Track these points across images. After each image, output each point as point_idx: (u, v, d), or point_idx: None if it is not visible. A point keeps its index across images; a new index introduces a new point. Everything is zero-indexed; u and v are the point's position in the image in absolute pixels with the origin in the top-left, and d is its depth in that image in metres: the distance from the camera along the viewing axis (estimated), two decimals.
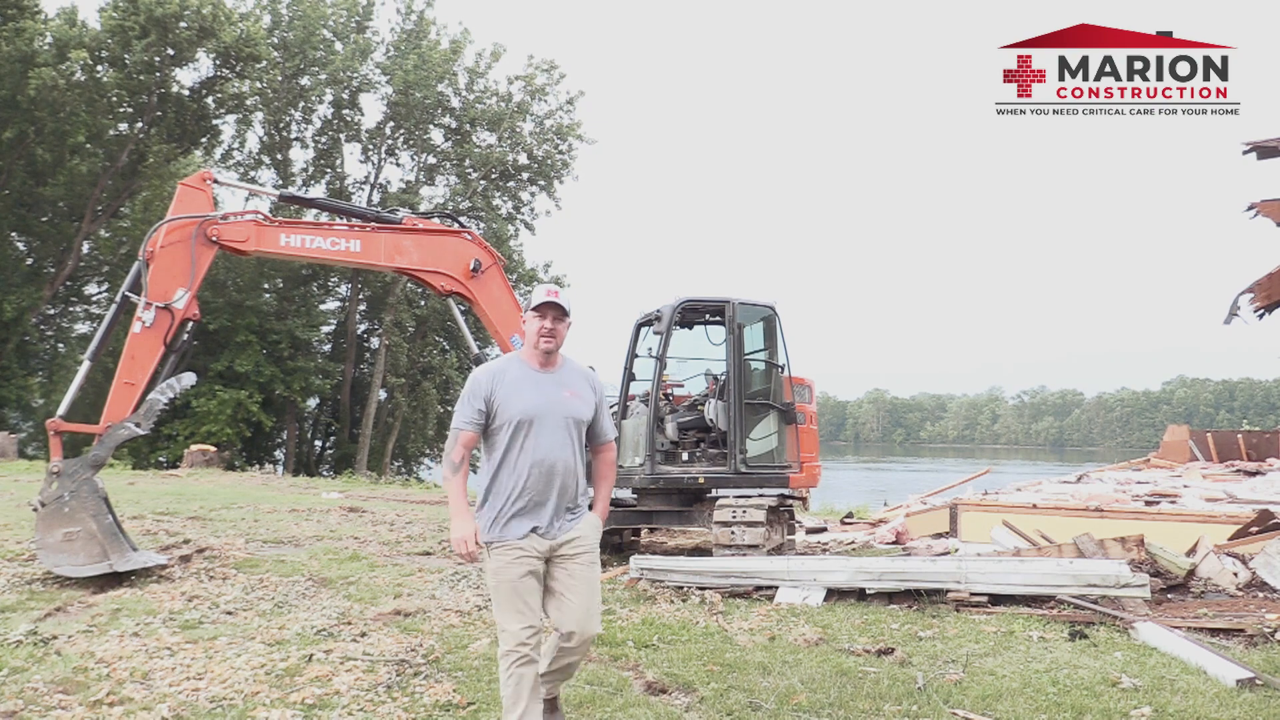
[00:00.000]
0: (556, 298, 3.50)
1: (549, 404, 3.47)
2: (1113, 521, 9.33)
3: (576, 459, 3.53)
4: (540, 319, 3.51)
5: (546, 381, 3.53)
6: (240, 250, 7.73)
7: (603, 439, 3.72)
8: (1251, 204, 7.11)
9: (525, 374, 3.53)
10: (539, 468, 3.42)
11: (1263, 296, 7.33)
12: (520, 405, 3.44)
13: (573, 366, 3.68)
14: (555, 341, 3.54)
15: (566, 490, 3.50)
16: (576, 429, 3.53)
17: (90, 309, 31.58)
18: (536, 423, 3.43)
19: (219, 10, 25.18)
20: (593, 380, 3.70)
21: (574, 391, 3.56)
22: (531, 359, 3.57)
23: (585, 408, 3.57)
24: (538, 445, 3.43)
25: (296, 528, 9.88)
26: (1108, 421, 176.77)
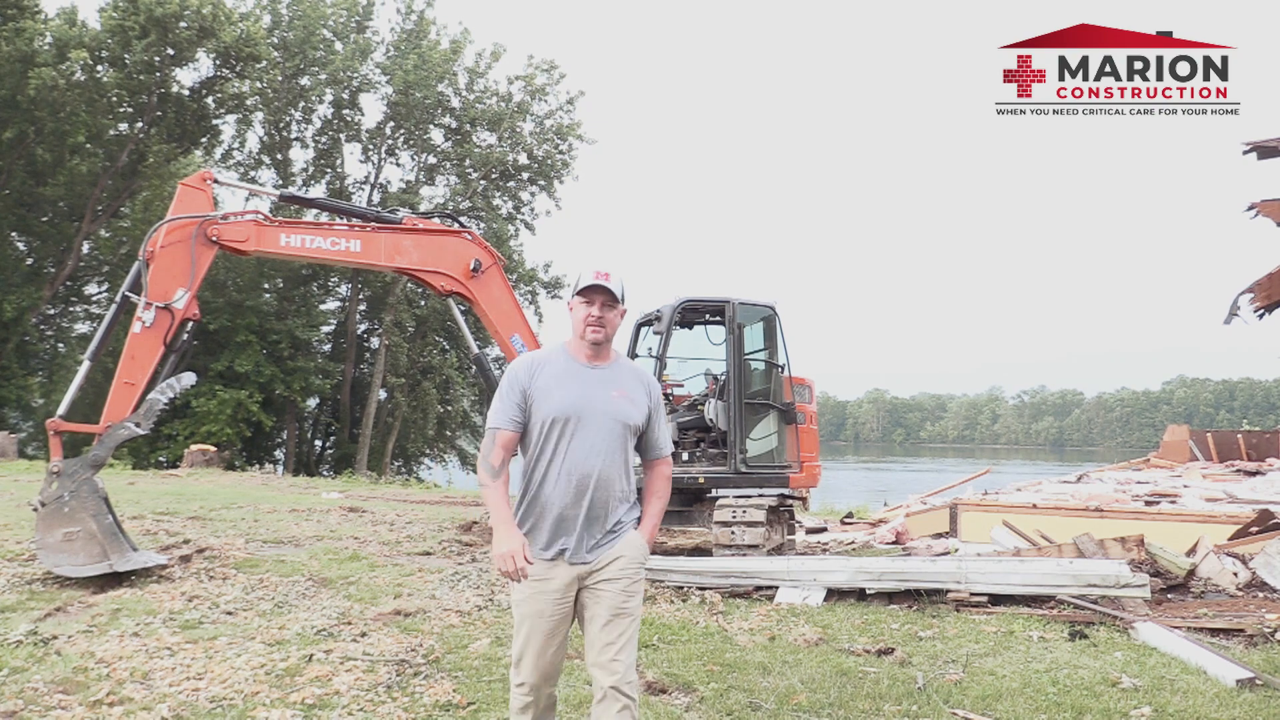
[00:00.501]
0: (606, 280, 3.01)
1: (591, 402, 3.02)
2: (1113, 521, 9.33)
3: (620, 471, 3.06)
4: (587, 305, 3.04)
5: (593, 378, 3.08)
6: (240, 250, 7.73)
7: (657, 452, 3.25)
8: (1251, 204, 7.11)
9: (569, 367, 3.08)
10: (569, 477, 2.99)
11: (1263, 296, 7.33)
12: (558, 401, 3.01)
13: (627, 364, 3.21)
14: (605, 332, 3.06)
15: (602, 507, 3.03)
16: (623, 435, 3.07)
17: (90, 309, 31.58)
18: (574, 423, 3.00)
19: (219, 10, 25.17)
20: (648, 382, 3.22)
21: (624, 392, 3.09)
22: (578, 351, 3.11)
23: (636, 411, 3.11)
24: (572, 450, 3.00)
25: (296, 528, 9.88)
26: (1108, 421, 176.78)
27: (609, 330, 3.08)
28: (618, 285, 3.07)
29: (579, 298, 3.06)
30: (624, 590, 3.02)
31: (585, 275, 3.05)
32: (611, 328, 3.09)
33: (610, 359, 3.15)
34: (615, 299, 3.05)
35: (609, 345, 3.14)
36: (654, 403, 3.19)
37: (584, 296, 3.05)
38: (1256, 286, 7.35)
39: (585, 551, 3.01)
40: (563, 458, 3.00)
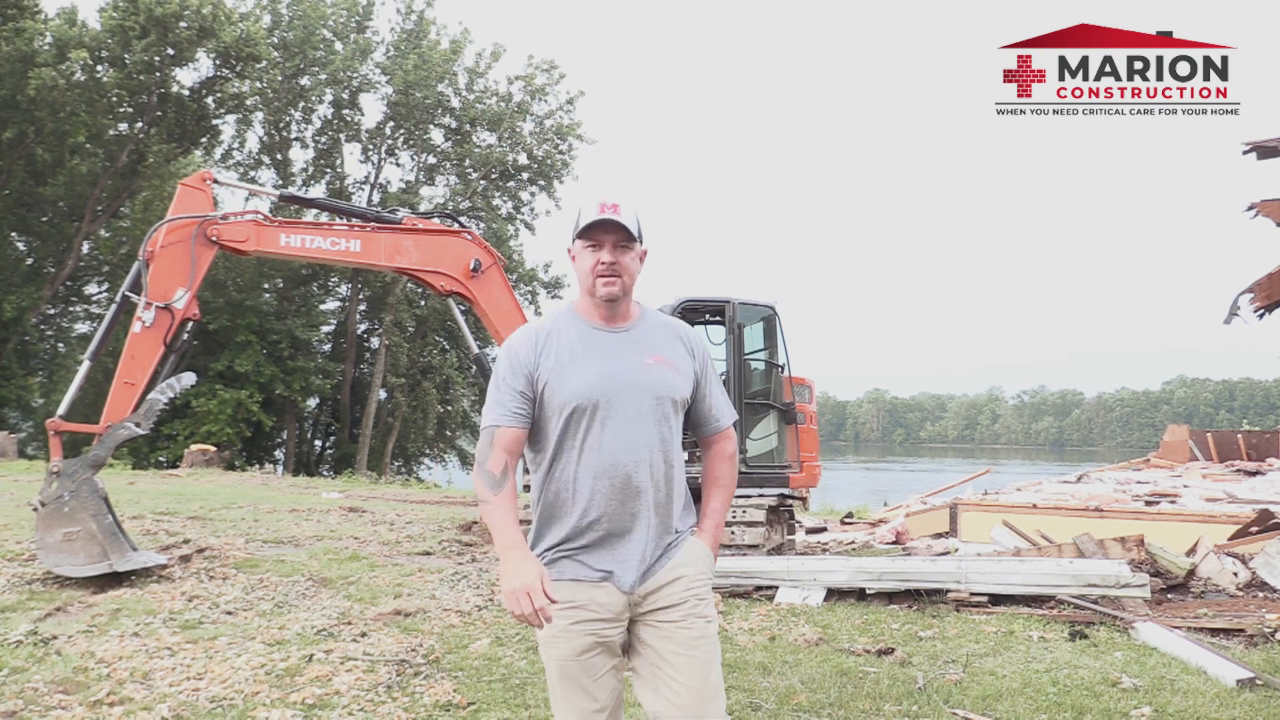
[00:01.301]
0: (616, 213, 2.27)
1: (624, 377, 2.29)
2: (1113, 521, 9.34)
3: (671, 460, 2.34)
4: (593, 250, 2.29)
5: (617, 345, 2.33)
6: (240, 250, 7.74)
7: (715, 424, 2.49)
8: (1251, 204, 7.11)
9: (584, 335, 2.34)
10: (610, 478, 2.26)
11: (1263, 296, 7.34)
12: (579, 382, 2.27)
13: (655, 319, 2.45)
14: (621, 283, 2.30)
15: (657, 510, 2.31)
16: (669, 413, 2.33)
17: (90, 309, 31.61)
18: (604, 408, 2.26)
19: (219, 10, 25.19)
20: (688, 336, 2.47)
21: (661, 356, 2.35)
22: (591, 313, 2.37)
23: (681, 379, 2.36)
24: (606, 442, 2.26)
25: (296, 528, 9.88)
26: (1108, 421, 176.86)
27: (626, 280, 2.31)
28: (631, 218, 2.30)
29: (582, 241, 2.32)
30: (695, 617, 2.28)
31: (587, 210, 2.30)
32: (629, 276, 2.32)
33: (633, 316, 2.40)
34: (630, 236, 2.29)
35: (629, 299, 2.37)
36: (700, 362, 2.46)
37: (588, 239, 2.31)
38: (1256, 286, 7.35)
39: (637, 571, 2.27)
40: (595, 456, 2.27)
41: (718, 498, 2.50)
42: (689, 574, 2.33)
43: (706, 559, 2.41)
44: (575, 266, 2.39)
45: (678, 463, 2.37)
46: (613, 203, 2.30)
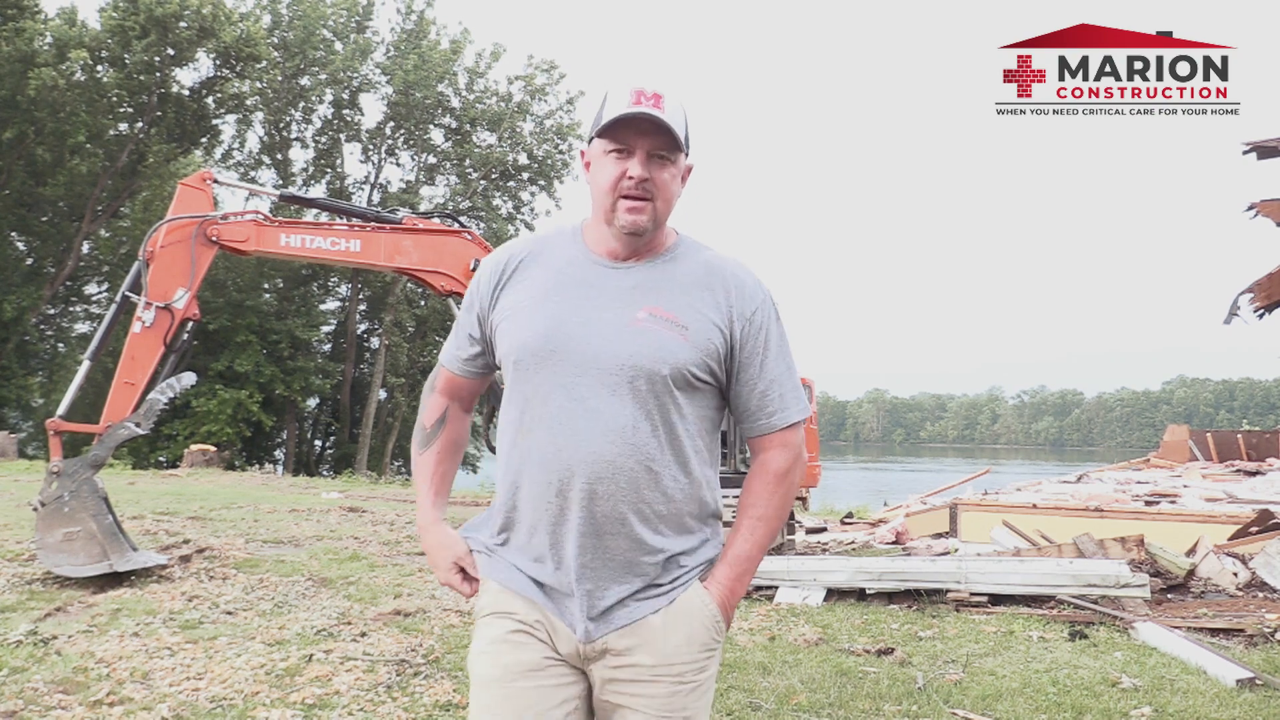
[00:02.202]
0: (658, 108, 1.60)
1: (588, 333, 1.63)
2: (1113, 521, 9.34)
3: (657, 465, 1.64)
4: (619, 157, 1.64)
5: (606, 285, 1.68)
6: (240, 250, 7.73)
7: (764, 419, 1.73)
8: (1251, 204, 7.12)
9: (573, 266, 1.71)
10: (537, 480, 1.64)
11: (1263, 296, 7.35)
12: (525, 325, 1.67)
13: (692, 256, 1.74)
14: (652, 209, 1.64)
15: (614, 532, 1.62)
16: (654, 394, 1.62)
17: (90, 309, 31.62)
18: (553, 373, 1.63)
19: (219, 10, 25.20)
20: (734, 287, 1.72)
21: (660, 309, 1.65)
22: (600, 241, 1.72)
23: (686, 345, 1.64)
24: (544, 425, 1.63)
25: (296, 528, 9.88)
26: (1108, 421, 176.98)
27: (660, 206, 1.65)
28: (679, 117, 1.65)
29: (604, 143, 1.65)
30: (673, 701, 1.65)
31: (616, 99, 1.62)
32: (665, 201, 1.66)
33: (658, 250, 1.72)
34: (675, 142, 1.64)
35: (661, 231, 1.71)
36: (748, 326, 1.70)
37: (614, 141, 1.63)
38: (1256, 286, 7.36)
39: (587, 618, 1.63)
40: (527, 442, 1.65)
41: (748, 533, 1.73)
42: (678, 634, 1.65)
43: (708, 615, 1.68)
44: (589, 178, 1.70)
45: (676, 465, 1.66)
46: (654, 92, 1.61)
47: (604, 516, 1.62)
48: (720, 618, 1.70)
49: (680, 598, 1.67)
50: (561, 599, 1.65)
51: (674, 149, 1.66)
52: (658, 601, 1.66)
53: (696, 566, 1.71)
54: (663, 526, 1.67)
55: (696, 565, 1.71)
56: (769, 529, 1.76)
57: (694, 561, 1.71)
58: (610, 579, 1.64)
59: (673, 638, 1.66)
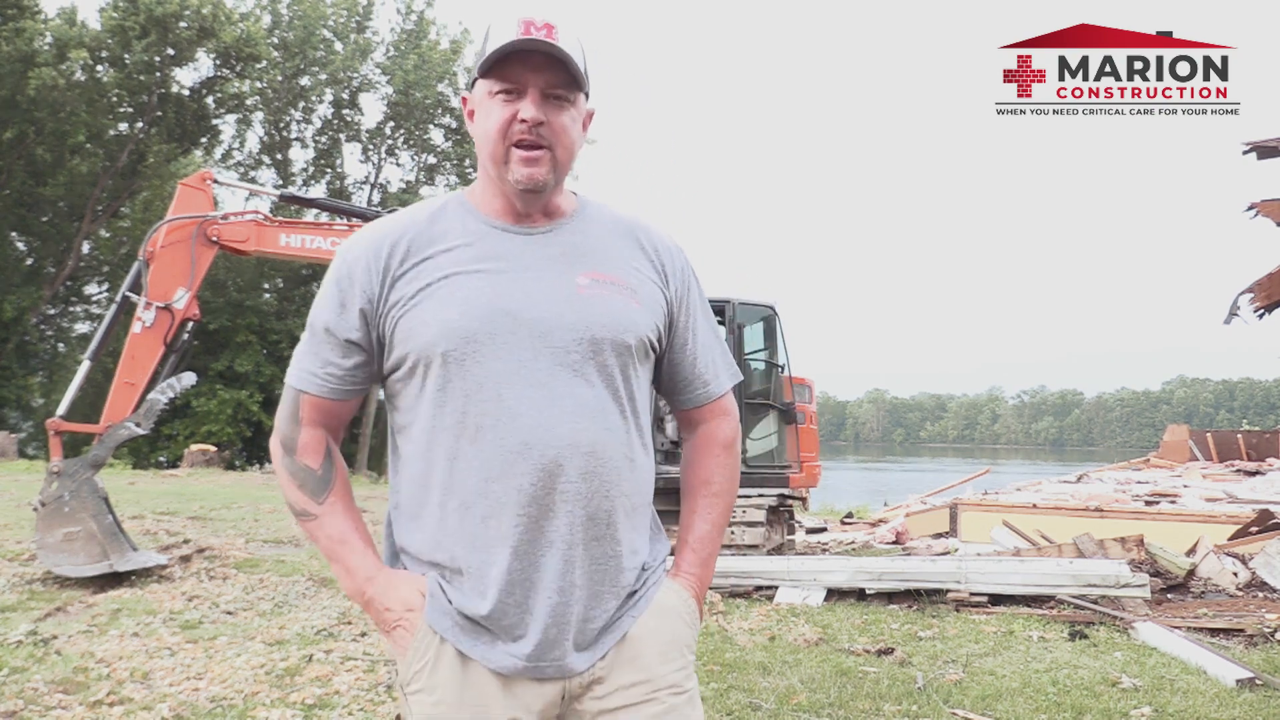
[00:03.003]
0: (550, 36, 1.37)
1: (535, 308, 1.40)
2: (1113, 521, 9.34)
3: (626, 447, 1.44)
4: (507, 99, 1.40)
5: (529, 253, 1.45)
6: (240, 250, 7.74)
7: (702, 389, 1.59)
8: (1251, 204, 7.13)
9: (476, 238, 1.44)
10: (506, 480, 1.36)
11: (1263, 296, 7.35)
12: (453, 316, 1.38)
13: (600, 215, 1.55)
14: (550, 158, 1.42)
15: (593, 537, 1.41)
16: (623, 368, 1.44)
17: (90, 309, 31.63)
18: (498, 359, 1.38)
19: (219, 10, 25.22)
20: (656, 244, 1.56)
21: (603, 272, 1.46)
22: (492, 203, 1.48)
23: (641, 310, 1.47)
24: (506, 413, 1.37)
25: (296, 528, 9.88)
26: (1107, 421, 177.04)
27: (560, 154, 1.43)
28: (575, 48, 1.41)
29: (488, 84, 1.41)
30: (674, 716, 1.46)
31: (500, 32, 1.39)
32: (565, 149, 1.43)
33: (564, 212, 1.51)
34: (572, 79, 1.41)
35: (560, 188, 1.49)
36: (679, 286, 1.55)
37: (500, 79, 1.39)
38: (1256, 286, 7.36)
39: (575, 649, 1.40)
40: (492, 435, 1.37)
41: (706, 512, 1.57)
42: (661, 636, 1.47)
43: (685, 617, 1.52)
44: (473, 127, 1.46)
45: (641, 450, 1.47)
46: (545, 21, 1.38)
47: (591, 519, 1.39)
48: (695, 610, 1.56)
49: (655, 597, 1.49)
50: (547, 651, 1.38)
51: (572, 86, 1.41)
52: (637, 609, 1.47)
53: (659, 563, 1.54)
54: (638, 521, 1.49)
55: (659, 562, 1.54)
56: (725, 505, 1.60)
57: (657, 559, 1.54)
58: (599, 594, 1.42)
59: (658, 644, 1.47)
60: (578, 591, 1.39)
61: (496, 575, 1.37)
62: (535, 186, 1.41)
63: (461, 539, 1.38)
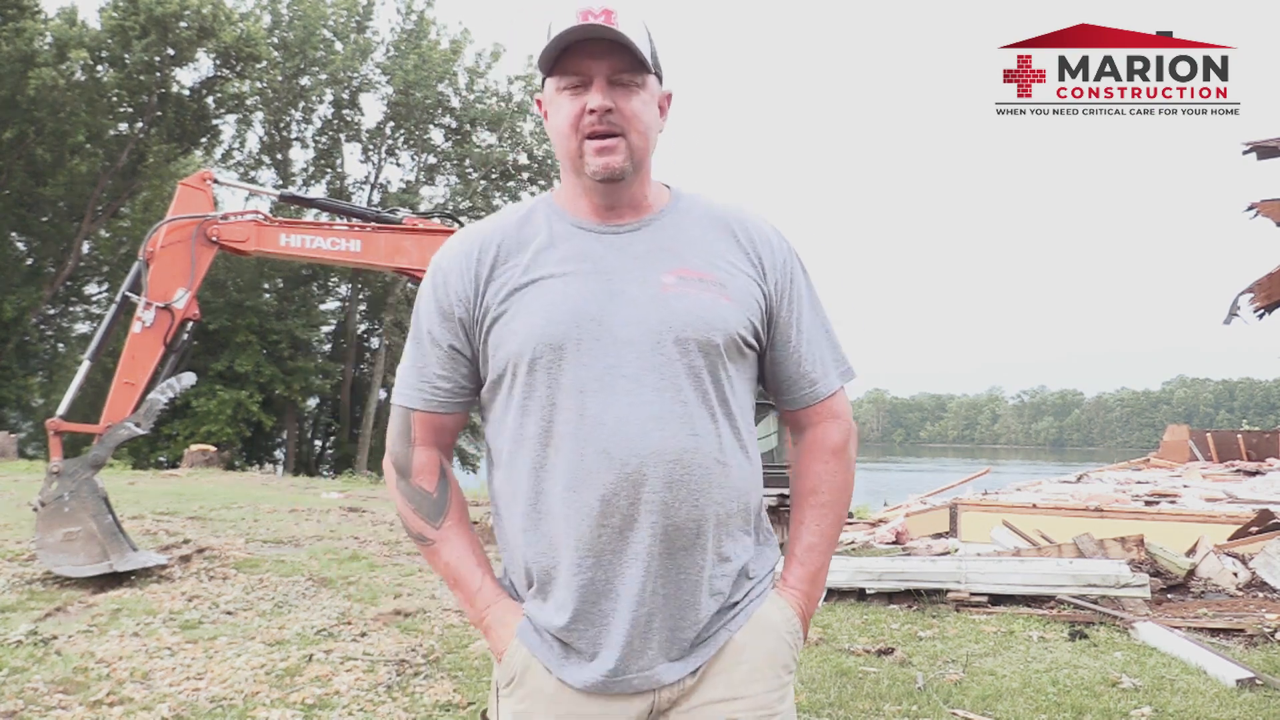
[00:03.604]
0: (608, 20, 1.33)
1: (618, 310, 1.37)
2: (1113, 521, 9.34)
3: (718, 451, 1.39)
4: (574, 92, 1.37)
5: (615, 252, 1.42)
6: (240, 250, 7.73)
7: (808, 388, 1.52)
8: (1251, 204, 7.13)
9: (562, 239, 1.43)
10: (590, 489, 1.34)
11: (1263, 296, 7.35)
12: (538, 320, 1.37)
13: (694, 207, 1.49)
14: (625, 145, 1.37)
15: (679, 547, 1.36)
16: (712, 368, 1.39)
17: (90, 309, 31.62)
18: (582, 362, 1.35)
19: (219, 10, 25.21)
20: (755, 234, 1.49)
21: (691, 268, 1.41)
22: (578, 201, 1.46)
23: (732, 305, 1.41)
24: (590, 417, 1.34)
25: (296, 528, 9.88)
26: (1107, 421, 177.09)
27: (636, 140, 1.38)
28: (637, 32, 1.36)
29: (555, 82, 1.39)
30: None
31: (560, 25, 1.34)
32: (640, 133, 1.38)
33: (653, 206, 1.47)
34: (637, 61, 1.37)
35: (644, 176, 1.44)
36: (781, 278, 1.48)
37: (564, 74, 1.38)
38: (1256, 286, 7.36)
39: (666, 659, 1.37)
40: (572, 445, 1.34)
41: (814, 523, 1.49)
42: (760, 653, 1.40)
43: (786, 636, 1.43)
44: (549, 126, 1.43)
45: (738, 455, 1.41)
46: (603, 7, 1.33)
47: (677, 529, 1.35)
48: (799, 629, 1.46)
49: (756, 613, 1.43)
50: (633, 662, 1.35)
51: (638, 69, 1.37)
52: (736, 622, 1.41)
53: (765, 574, 1.47)
54: (735, 530, 1.42)
55: (765, 573, 1.47)
56: (836, 515, 1.50)
57: (763, 570, 1.47)
58: (689, 604, 1.37)
59: (752, 661, 1.40)
60: (663, 603, 1.36)
61: (577, 586, 1.35)
62: (613, 175, 1.38)
63: (544, 549, 1.38)
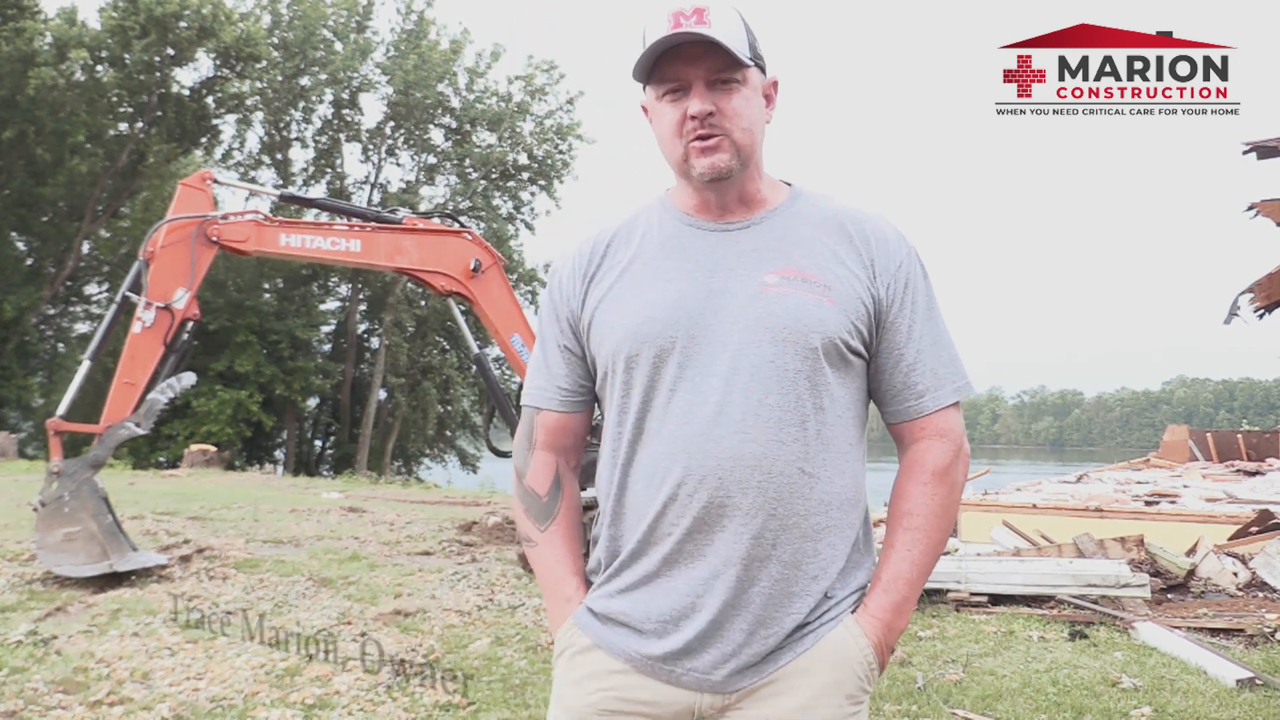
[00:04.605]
0: (701, 24, 1.31)
1: (717, 307, 1.36)
2: (1113, 521, 9.34)
3: (813, 460, 1.35)
4: (674, 99, 1.37)
5: (719, 249, 1.40)
6: (240, 250, 7.74)
7: (914, 401, 1.43)
8: (1251, 204, 7.12)
9: (669, 234, 1.44)
10: (677, 487, 1.33)
11: (1263, 296, 7.34)
12: (634, 315, 1.38)
13: (809, 206, 1.46)
14: (729, 143, 1.36)
15: (769, 556, 1.33)
16: (813, 371, 1.34)
17: (90, 309, 31.62)
18: (678, 360, 1.35)
19: (219, 10, 25.21)
20: (871, 235, 1.44)
21: (796, 268, 1.37)
22: (688, 200, 1.45)
23: (835, 309, 1.36)
24: (672, 423, 1.35)
25: (296, 528, 9.88)
26: (1107, 421, 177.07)
27: (741, 137, 1.36)
28: (735, 28, 1.34)
29: (655, 90, 1.39)
30: None
31: (653, 30, 1.33)
32: (745, 131, 1.36)
33: (766, 203, 1.44)
34: (733, 59, 1.33)
35: (755, 171, 1.42)
36: (894, 282, 1.42)
37: (662, 83, 1.37)
38: (1256, 286, 7.36)
39: (724, 663, 1.33)
40: (654, 447, 1.36)
41: (905, 548, 1.40)
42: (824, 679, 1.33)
43: (856, 665, 1.36)
44: (655, 131, 1.42)
45: (831, 466, 1.36)
46: (694, 7, 1.31)
47: (755, 539, 1.31)
48: (875, 660, 1.37)
49: (828, 635, 1.35)
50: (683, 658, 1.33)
51: (735, 68, 1.34)
52: (803, 644, 1.34)
53: (848, 596, 1.39)
54: (824, 544, 1.35)
55: (848, 594, 1.39)
56: (930, 543, 1.40)
57: (845, 590, 1.39)
58: (762, 619, 1.32)
59: (810, 689, 1.32)
60: (732, 612, 1.32)
61: (644, 580, 1.36)
62: (719, 174, 1.36)
63: (621, 543, 1.40)
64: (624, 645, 1.37)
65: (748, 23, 1.38)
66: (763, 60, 1.40)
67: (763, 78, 1.42)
